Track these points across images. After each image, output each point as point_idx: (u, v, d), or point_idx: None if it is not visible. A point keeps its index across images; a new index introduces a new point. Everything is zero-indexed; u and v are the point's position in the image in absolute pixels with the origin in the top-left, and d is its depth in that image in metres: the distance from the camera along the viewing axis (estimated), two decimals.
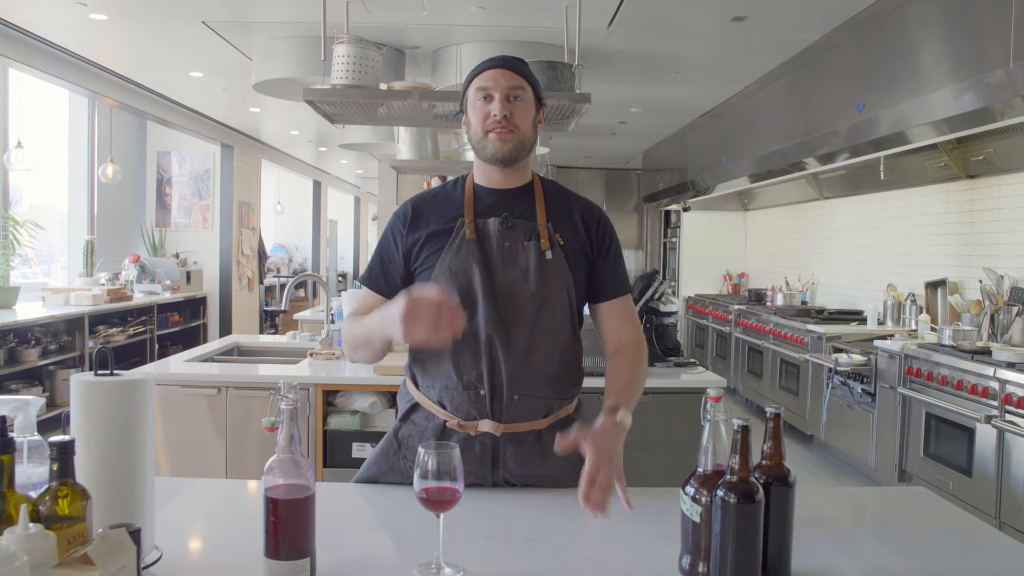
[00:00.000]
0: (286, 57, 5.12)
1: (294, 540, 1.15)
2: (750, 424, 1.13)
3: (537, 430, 1.67)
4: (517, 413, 1.65)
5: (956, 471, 3.83)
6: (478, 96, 1.66)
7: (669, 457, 2.97)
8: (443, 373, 1.67)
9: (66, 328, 5.81)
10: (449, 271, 1.65)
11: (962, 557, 1.36)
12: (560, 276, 1.67)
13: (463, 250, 1.66)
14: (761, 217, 8.64)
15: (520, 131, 1.65)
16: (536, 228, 1.68)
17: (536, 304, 1.65)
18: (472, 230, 1.67)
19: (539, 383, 1.66)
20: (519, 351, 1.63)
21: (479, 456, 1.65)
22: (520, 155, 1.68)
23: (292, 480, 1.15)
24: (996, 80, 3.23)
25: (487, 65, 1.67)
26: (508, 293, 1.65)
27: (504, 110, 1.63)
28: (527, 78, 1.68)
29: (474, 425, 1.65)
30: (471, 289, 1.64)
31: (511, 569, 1.26)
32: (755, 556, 1.12)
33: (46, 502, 1.01)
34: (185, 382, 3.21)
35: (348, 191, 16.30)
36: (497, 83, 1.64)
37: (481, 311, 1.63)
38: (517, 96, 1.65)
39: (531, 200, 1.72)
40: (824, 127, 4.79)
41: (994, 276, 4.31)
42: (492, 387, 1.64)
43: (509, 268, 1.66)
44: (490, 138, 1.65)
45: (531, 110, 1.68)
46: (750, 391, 6.88)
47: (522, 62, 1.71)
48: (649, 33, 4.88)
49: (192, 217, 9.18)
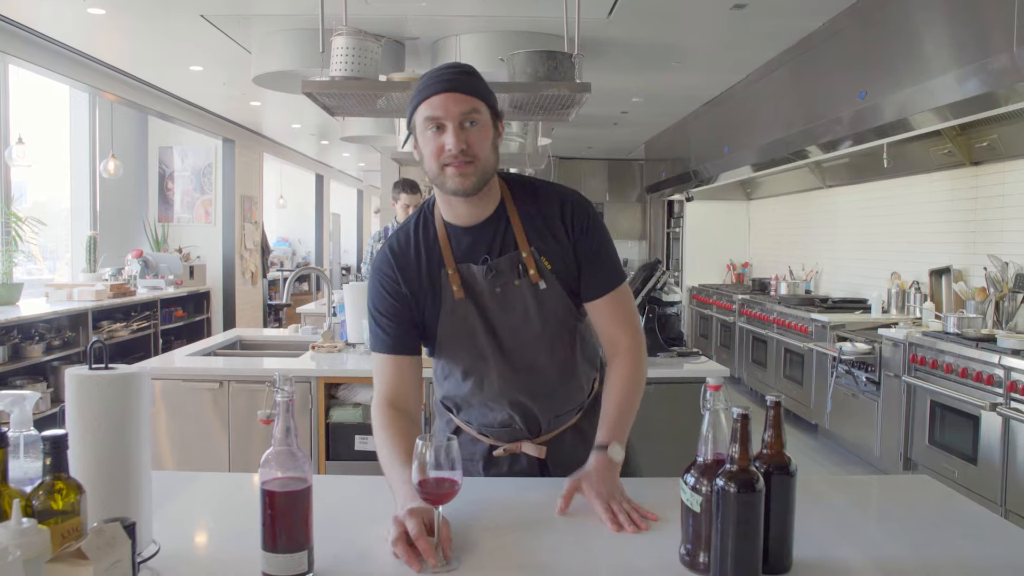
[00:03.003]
0: (285, 50, 5.11)
1: (291, 533, 1.14)
2: (750, 413, 1.11)
3: (574, 424, 1.72)
4: (554, 428, 1.70)
5: (961, 459, 3.82)
6: (428, 126, 1.46)
7: (672, 447, 2.95)
8: (476, 413, 1.70)
9: (70, 324, 5.81)
10: (451, 335, 1.61)
11: (967, 545, 1.34)
12: (560, 303, 1.60)
13: (457, 312, 1.58)
14: (764, 206, 8.61)
15: (480, 160, 1.47)
16: (521, 259, 1.56)
17: (547, 341, 1.61)
18: (459, 287, 1.56)
19: (568, 401, 1.70)
20: (542, 391, 1.65)
21: (526, 467, 1.71)
22: (482, 184, 1.51)
23: (289, 473, 1.15)
24: (999, 65, 3.20)
25: (432, 89, 1.46)
26: (516, 341, 1.60)
27: (460, 143, 1.44)
28: (479, 95, 1.48)
29: (517, 446, 1.69)
30: (478, 350, 1.60)
31: (509, 560, 1.25)
32: (756, 546, 1.11)
33: (40, 497, 1.01)
34: (188, 376, 3.20)
35: (351, 184, 16.28)
36: (448, 111, 1.44)
37: (493, 367, 1.61)
38: (473, 121, 1.46)
39: (507, 226, 1.58)
40: (827, 115, 4.76)
41: (999, 263, 4.29)
42: (526, 420, 1.67)
43: (509, 314, 1.59)
44: (448, 172, 1.47)
45: (488, 132, 1.49)
46: (754, 380, 6.87)
47: (471, 74, 1.50)
48: (650, 22, 4.85)
49: (195, 212, 9.18)
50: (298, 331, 4.22)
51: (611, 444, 1.53)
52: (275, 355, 3.76)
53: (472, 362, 1.62)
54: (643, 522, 1.38)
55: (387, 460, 1.47)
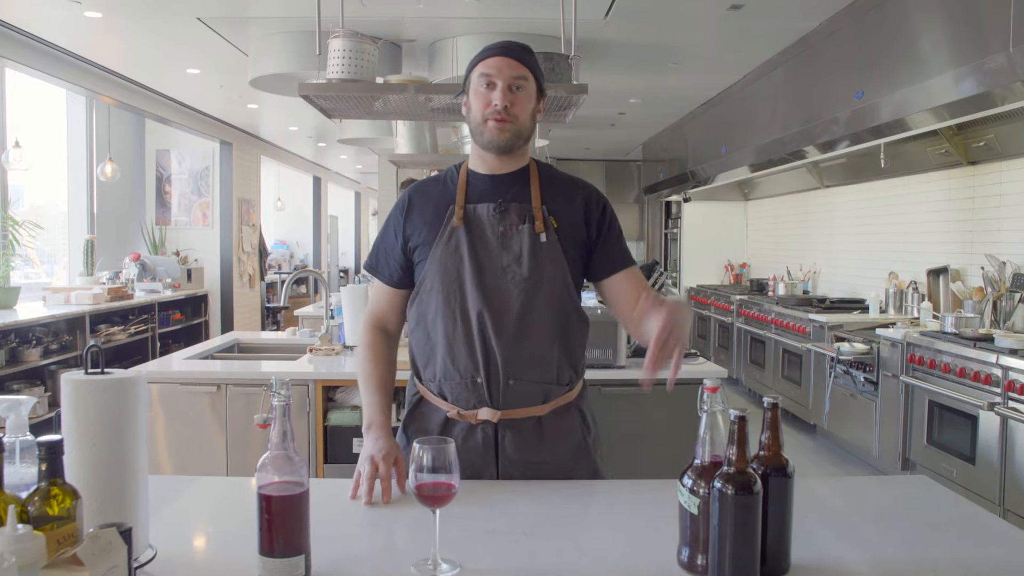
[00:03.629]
0: (282, 52, 5.11)
1: (288, 537, 1.13)
2: (747, 414, 1.11)
3: (536, 416, 1.68)
4: (513, 399, 1.66)
5: (960, 459, 3.82)
6: (481, 82, 1.66)
7: (670, 449, 2.96)
8: (440, 362, 1.68)
9: (67, 328, 5.80)
10: (440, 263, 1.67)
11: (965, 545, 1.34)
12: (553, 260, 1.66)
13: (452, 239, 1.67)
14: (762, 207, 8.62)
15: (519, 121, 1.66)
16: (530, 211, 1.68)
17: (529, 288, 1.65)
18: (460, 217, 1.68)
19: (533, 367, 1.66)
20: (510, 336, 1.64)
21: (481, 445, 1.66)
22: (516, 144, 1.68)
23: (286, 477, 1.14)
24: (996, 65, 3.20)
25: (493, 51, 1.67)
26: (499, 278, 1.65)
27: (505, 100, 1.63)
28: (531, 68, 1.68)
29: (474, 414, 1.66)
30: (460, 277, 1.65)
31: (508, 563, 1.25)
32: (754, 548, 1.11)
33: (35, 502, 1.00)
34: (185, 380, 3.20)
35: (348, 186, 16.28)
36: (501, 72, 1.64)
37: (471, 299, 1.64)
38: (520, 86, 1.65)
39: (525, 183, 1.72)
40: (824, 115, 4.77)
41: (996, 262, 4.29)
42: (488, 374, 1.65)
43: (504, 252, 1.66)
44: (488, 126, 1.65)
45: (531, 100, 1.69)
46: (752, 381, 6.87)
47: (528, 51, 1.69)
48: (646, 23, 4.85)
49: (192, 215, 9.17)
50: (296, 334, 4.21)
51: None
52: (273, 358, 3.76)
53: (452, 293, 1.66)
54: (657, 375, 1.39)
55: (364, 380, 1.74)
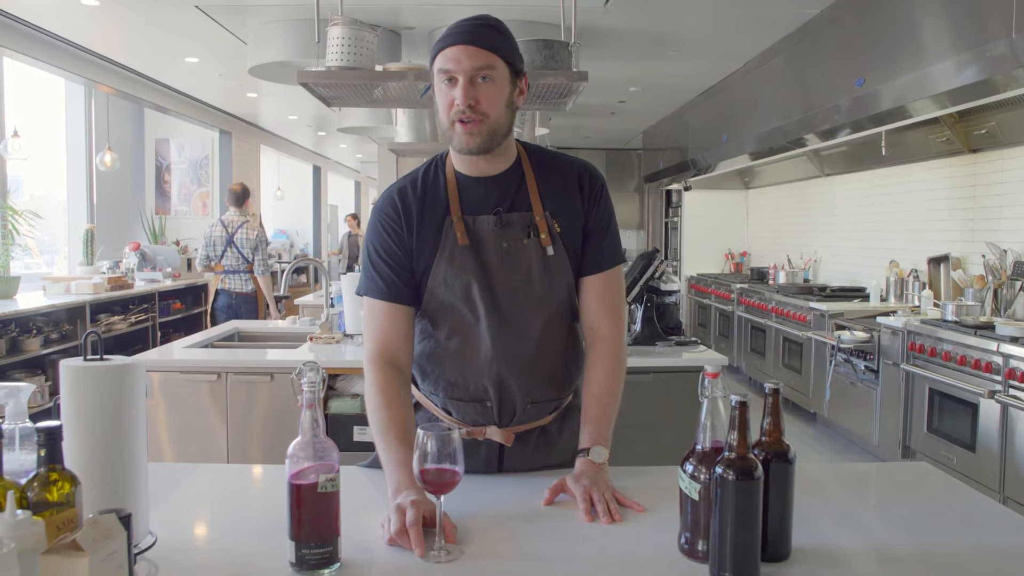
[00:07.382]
0: (281, 40, 5.08)
1: (323, 523, 1.14)
2: (748, 400, 1.11)
3: (542, 426, 1.63)
4: (526, 418, 1.60)
5: (960, 447, 3.82)
6: (441, 78, 1.43)
7: (671, 436, 2.96)
8: (447, 382, 1.57)
9: (68, 317, 5.80)
10: (445, 284, 1.51)
11: (965, 532, 1.34)
12: (561, 272, 1.54)
13: (457, 259, 1.50)
14: (763, 195, 8.60)
15: (490, 119, 1.43)
16: (533, 220, 1.52)
17: (542, 309, 1.54)
18: (463, 234, 1.50)
19: (549, 387, 1.60)
20: (526, 362, 1.54)
21: (484, 459, 1.60)
22: (493, 144, 1.47)
23: (318, 462, 1.14)
24: (998, 52, 3.19)
25: (449, 40, 1.42)
26: (511, 301, 1.52)
27: (468, 98, 1.40)
28: (498, 51, 1.43)
29: (482, 431, 1.58)
30: (471, 302, 1.51)
31: (510, 550, 1.25)
32: (755, 533, 1.10)
33: (34, 488, 1.00)
34: (186, 368, 3.20)
35: (348, 175, 16.26)
36: (460, 64, 1.40)
37: (484, 326, 1.52)
38: (486, 76, 1.41)
39: (522, 184, 1.55)
40: (824, 103, 4.75)
41: (997, 250, 4.28)
42: (500, 399, 1.56)
43: (511, 273, 1.51)
44: (456, 129, 1.43)
45: (503, 90, 1.44)
46: (753, 370, 6.87)
47: (493, 29, 1.45)
48: (646, 10, 4.83)
49: (192, 204, 9.16)
50: (296, 322, 4.21)
51: (592, 447, 1.47)
52: (273, 347, 3.76)
53: (461, 317, 1.53)
54: (618, 513, 1.34)
55: (382, 430, 1.44)
